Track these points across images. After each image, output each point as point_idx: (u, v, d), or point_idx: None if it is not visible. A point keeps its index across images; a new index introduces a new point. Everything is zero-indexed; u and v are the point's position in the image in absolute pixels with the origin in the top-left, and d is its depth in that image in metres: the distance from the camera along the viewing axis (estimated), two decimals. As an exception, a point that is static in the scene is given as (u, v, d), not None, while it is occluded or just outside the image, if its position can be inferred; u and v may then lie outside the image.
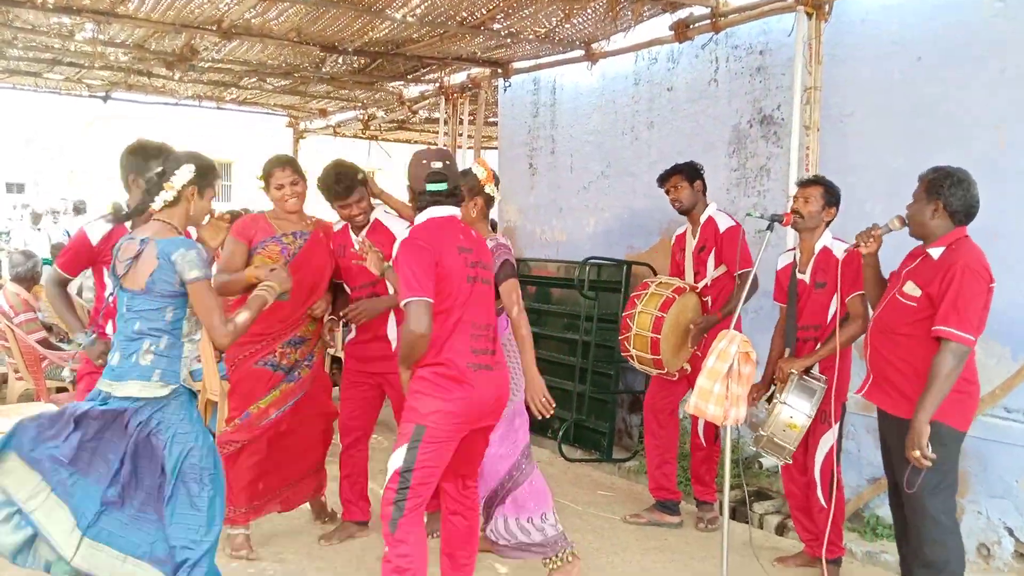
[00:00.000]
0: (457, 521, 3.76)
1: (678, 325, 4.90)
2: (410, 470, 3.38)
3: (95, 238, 4.04)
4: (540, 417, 3.89)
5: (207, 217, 3.59)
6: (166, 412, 3.23)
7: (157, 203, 3.34)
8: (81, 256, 4.08)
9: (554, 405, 3.88)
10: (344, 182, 4.47)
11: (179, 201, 3.35)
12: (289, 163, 4.58)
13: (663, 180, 5.20)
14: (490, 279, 3.65)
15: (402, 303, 3.35)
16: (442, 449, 3.42)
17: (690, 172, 5.12)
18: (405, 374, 3.54)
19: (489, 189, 4.05)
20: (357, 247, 4.27)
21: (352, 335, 4.78)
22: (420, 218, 3.54)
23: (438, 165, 3.52)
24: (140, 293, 3.24)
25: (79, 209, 15.24)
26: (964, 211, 3.59)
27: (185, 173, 3.32)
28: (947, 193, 3.56)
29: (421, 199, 3.54)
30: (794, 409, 4.14)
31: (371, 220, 4.63)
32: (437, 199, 3.51)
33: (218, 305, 3.28)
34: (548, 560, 4.08)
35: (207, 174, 3.41)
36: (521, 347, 3.95)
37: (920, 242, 3.74)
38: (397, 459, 3.43)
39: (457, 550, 3.76)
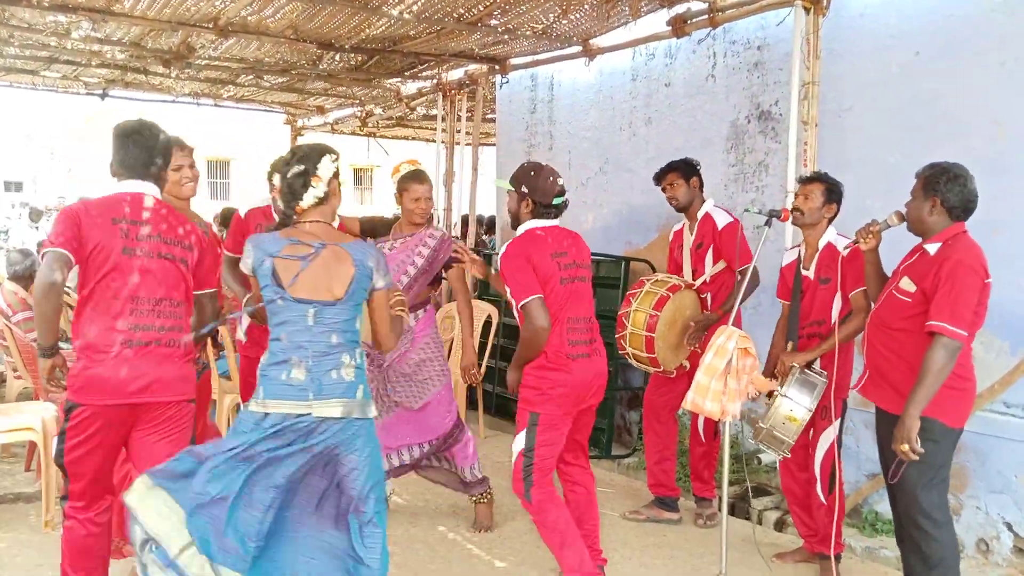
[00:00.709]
0: (579, 491, 4.17)
1: (674, 323, 4.89)
2: (531, 449, 3.86)
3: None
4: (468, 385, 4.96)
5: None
6: (363, 430, 3.11)
7: (307, 200, 3.13)
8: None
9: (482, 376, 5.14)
10: None
11: (328, 196, 3.17)
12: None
13: (659, 178, 5.18)
14: (587, 276, 4.03)
15: (519, 305, 3.78)
16: (556, 431, 3.90)
17: (686, 169, 5.09)
18: (516, 374, 3.96)
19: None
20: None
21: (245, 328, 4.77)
22: (520, 230, 3.94)
23: (561, 181, 3.96)
24: (336, 302, 3.07)
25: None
26: (962, 207, 3.58)
27: (328, 164, 3.14)
28: (944, 189, 3.56)
29: (543, 211, 3.92)
30: (794, 402, 4.14)
31: None
32: (554, 210, 3.94)
33: None
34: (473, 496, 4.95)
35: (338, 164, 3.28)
36: (464, 324, 4.84)
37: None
38: (519, 442, 3.91)
39: (583, 515, 4.11)
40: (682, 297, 4.91)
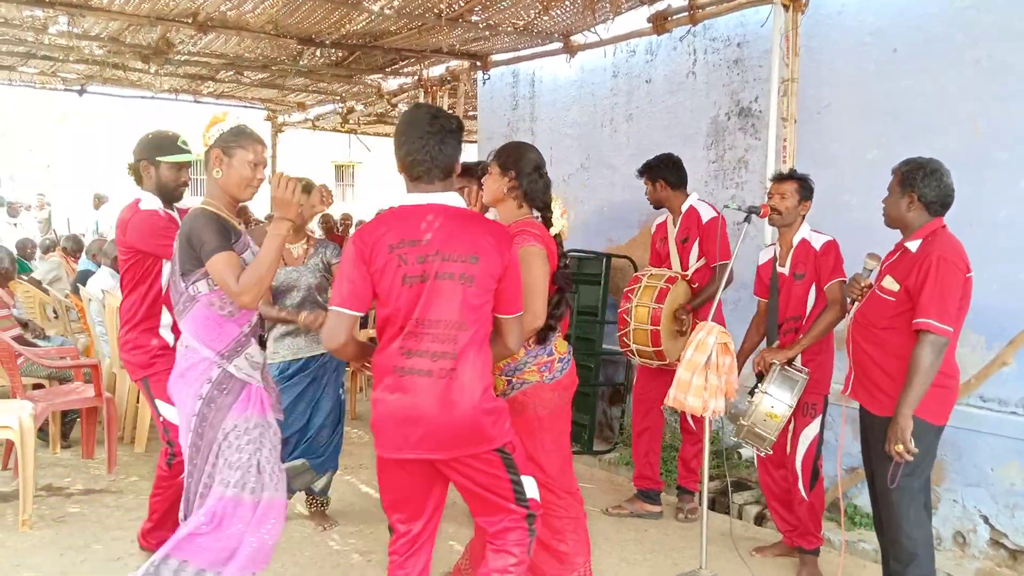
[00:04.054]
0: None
1: (673, 315, 4.93)
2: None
3: None
4: None
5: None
6: None
7: None
8: None
9: None
10: None
11: None
12: None
13: (641, 174, 5.26)
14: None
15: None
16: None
17: (651, 173, 5.16)
18: None
19: None
20: None
21: None
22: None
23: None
24: None
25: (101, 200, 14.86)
26: (939, 202, 3.57)
27: None
28: (920, 185, 3.55)
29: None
30: (775, 399, 4.15)
31: None
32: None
33: None
34: None
35: None
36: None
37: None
38: None
39: None
40: (678, 288, 4.95)
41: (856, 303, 3.84)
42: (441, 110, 3.09)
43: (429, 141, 2.90)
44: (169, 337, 4.05)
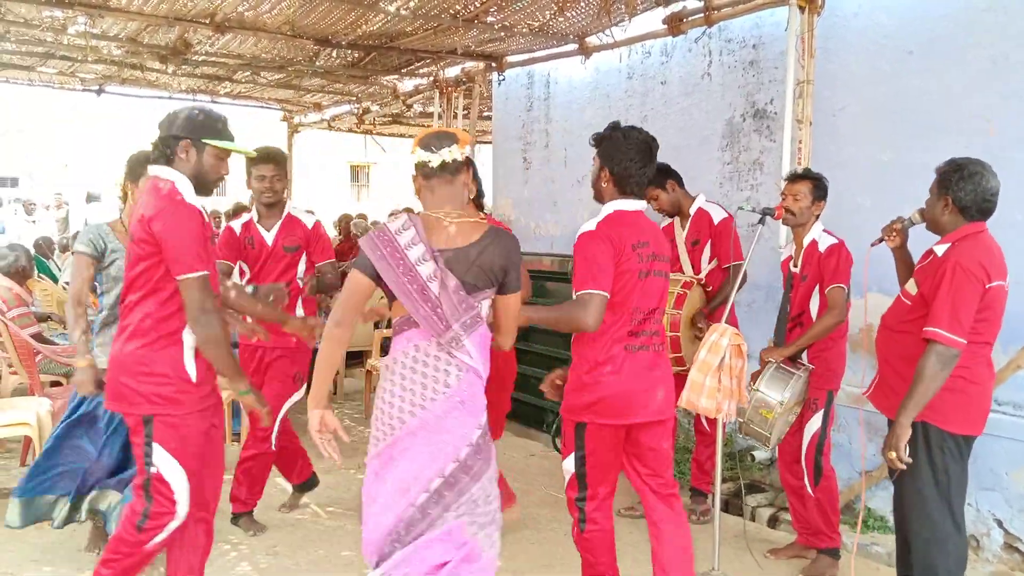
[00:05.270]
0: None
1: (689, 320, 4.93)
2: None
3: None
4: None
5: None
6: None
7: None
8: None
9: None
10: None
11: None
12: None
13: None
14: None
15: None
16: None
17: (658, 179, 5.08)
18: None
19: None
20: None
21: None
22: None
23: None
24: None
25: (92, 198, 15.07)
26: (975, 206, 3.40)
27: None
28: (955, 188, 3.40)
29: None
30: (765, 395, 4.20)
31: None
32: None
33: None
34: None
35: None
36: None
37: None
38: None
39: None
40: (694, 293, 4.94)
41: (884, 243, 3.77)
42: (648, 134, 3.60)
43: (646, 163, 3.50)
44: (191, 366, 3.15)
